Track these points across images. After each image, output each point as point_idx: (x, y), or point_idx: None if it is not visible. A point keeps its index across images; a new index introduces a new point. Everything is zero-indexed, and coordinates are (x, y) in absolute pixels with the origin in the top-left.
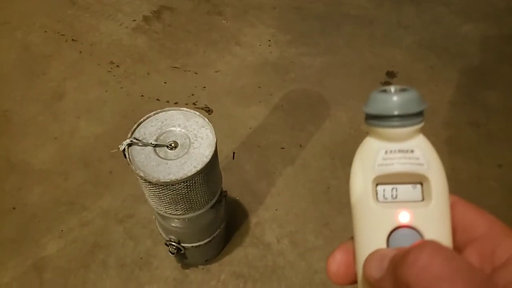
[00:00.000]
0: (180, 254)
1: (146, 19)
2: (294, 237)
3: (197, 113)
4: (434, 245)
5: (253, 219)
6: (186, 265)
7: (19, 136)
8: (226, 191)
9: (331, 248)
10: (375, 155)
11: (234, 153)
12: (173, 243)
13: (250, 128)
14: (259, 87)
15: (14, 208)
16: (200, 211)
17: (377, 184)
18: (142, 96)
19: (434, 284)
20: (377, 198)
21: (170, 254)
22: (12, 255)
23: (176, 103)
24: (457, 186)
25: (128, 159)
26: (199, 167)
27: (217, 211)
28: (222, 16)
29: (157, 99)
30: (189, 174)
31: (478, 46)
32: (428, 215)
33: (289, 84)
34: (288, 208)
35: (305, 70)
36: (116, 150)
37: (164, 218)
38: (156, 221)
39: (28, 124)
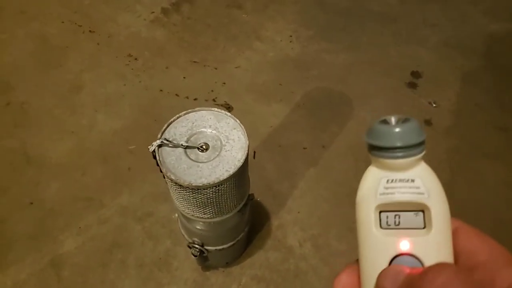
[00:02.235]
0: (202, 257)
1: (164, 11)
2: (316, 241)
3: (228, 114)
4: (453, 268)
5: (275, 222)
6: (206, 267)
7: (36, 129)
8: (252, 194)
9: (355, 255)
10: (377, 184)
11: (254, 152)
12: (196, 246)
13: (271, 126)
14: (280, 84)
15: (31, 203)
16: (228, 215)
17: (380, 211)
18: (161, 90)
19: None
20: (380, 225)
21: (192, 256)
22: (30, 251)
23: (195, 99)
24: (484, 191)
25: (158, 161)
26: (231, 171)
27: (242, 214)
28: (242, 9)
29: (176, 94)
30: (221, 178)
31: (506, 46)
32: (428, 243)
33: (311, 81)
34: (311, 211)
35: (328, 67)
36: (134, 147)
37: (189, 220)
38: (179, 222)
39: (45, 117)
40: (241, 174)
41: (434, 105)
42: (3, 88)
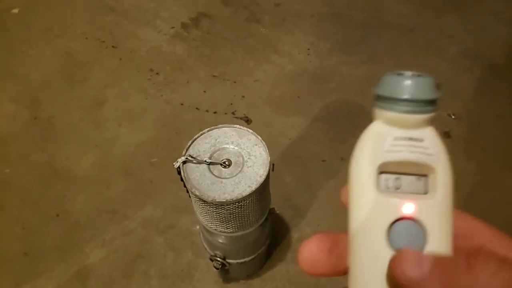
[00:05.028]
0: (224, 269)
1: (184, 26)
2: None
3: (250, 130)
4: (499, 257)
5: (295, 234)
6: (227, 280)
7: (63, 143)
8: (274, 208)
9: None
10: (383, 140)
11: (273, 164)
12: (218, 259)
13: (290, 139)
14: (298, 97)
15: (57, 215)
16: (250, 230)
17: (381, 172)
18: (182, 104)
19: None
20: (379, 187)
21: (214, 269)
22: (57, 262)
23: (215, 112)
24: (506, 204)
25: (183, 177)
26: (254, 187)
27: (264, 228)
28: (260, 24)
29: (196, 108)
30: (244, 194)
31: None
32: (433, 208)
33: (329, 94)
34: (331, 224)
35: (346, 80)
36: (156, 160)
37: (211, 234)
38: (201, 235)
39: (70, 131)
40: (262, 190)
41: (453, 116)
42: (32, 103)
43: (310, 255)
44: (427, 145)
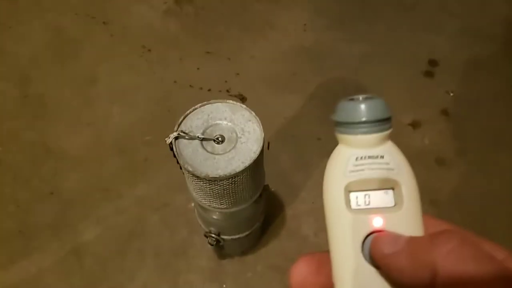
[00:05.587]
0: (218, 246)
1: (177, 1)
2: None
3: (244, 106)
4: (462, 235)
5: (289, 212)
6: (222, 256)
7: (55, 121)
8: (268, 185)
9: None
10: (346, 162)
11: (268, 143)
12: (213, 235)
13: (285, 117)
14: (294, 74)
15: (51, 193)
16: (244, 206)
17: (349, 192)
18: (175, 82)
19: (462, 264)
20: (350, 206)
21: (209, 245)
22: (52, 240)
23: (209, 90)
24: (502, 183)
25: (176, 153)
26: (247, 162)
27: (258, 204)
28: None
29: (190, 86)
30: (238, 170)
31: None
32: (401, 219)
33: (326, 71)
34: None
35: (343, 57)
36: (150, 138)
37: (205, 210)
38: (196, 212)
39: (62, 109)
40: (256, 166)
41: (451, 94)
42: (22, 80)
43: (300, 278)
44: (387, 160)
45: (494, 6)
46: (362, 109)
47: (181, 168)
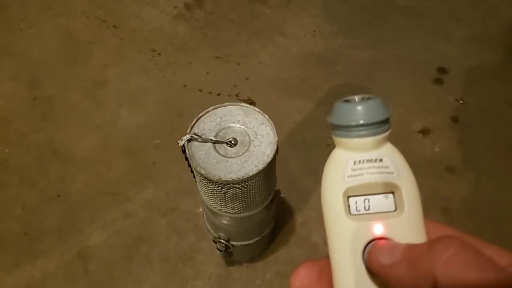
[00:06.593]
0: (227, 252)
1: (187, 6)
2: None
3: (257, 109)
4: (461, 240)
5: (299, 218)
6: (230, 262)
7: (63, 123)
8: (279, 190)
9: None
10: (344, 166)
11: (278, 147)
12: (222, 241)
13: (294, 122)
14: (304, 80)
15: (58, 196)
16: (255, 211)
17: (348, 197)
18: (184, 86)
19: (463, 272)
20: (349, 211)
21: (218, 251)
22: (57, 243)
23: (218, 94)
24: None
25: (188, 155)
26: (260, 166)
27: (269, 210)
28: (265, 5)
29: (199, 90)
30: (251, 173)
31: None
32: (402, 224)
33: (335, 77)
34: None
35: (352, 63)
36: (159, 141)
37: (215, 215)
38: (205, 217)
39: (71, 111)
40: (269, 170)
41: (461, 101)
42: (32, 82)
43: (301, 284)
44: (387, 164)
45: (502, 13)
46: (359, 111)
47: (192, 172)
